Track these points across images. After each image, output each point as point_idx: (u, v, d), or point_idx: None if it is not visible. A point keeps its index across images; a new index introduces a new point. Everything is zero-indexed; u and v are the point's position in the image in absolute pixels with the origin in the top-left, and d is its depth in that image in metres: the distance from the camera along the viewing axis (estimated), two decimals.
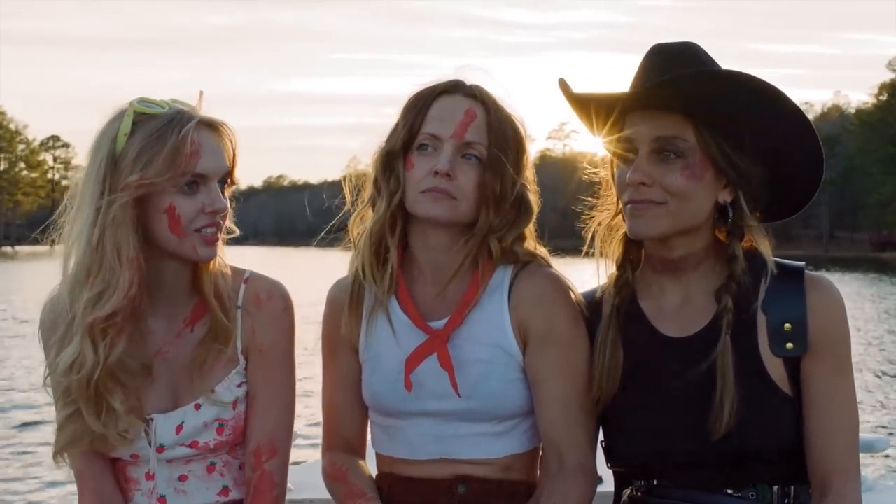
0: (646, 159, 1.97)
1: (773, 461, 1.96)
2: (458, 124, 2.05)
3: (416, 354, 2.08)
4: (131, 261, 1.94)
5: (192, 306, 2.09)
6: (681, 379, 1.97)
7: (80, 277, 1.96)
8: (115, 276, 1.94)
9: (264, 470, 2.09)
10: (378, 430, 2.19)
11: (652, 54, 2.01)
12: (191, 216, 1.97)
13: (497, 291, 2.11)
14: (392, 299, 2.13)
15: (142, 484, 2.10)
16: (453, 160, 2.04)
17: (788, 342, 1.95)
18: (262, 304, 2.12)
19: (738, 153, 1.96)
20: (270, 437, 2.10)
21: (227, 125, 2.03)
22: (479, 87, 2.10)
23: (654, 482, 2.01)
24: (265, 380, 2.10)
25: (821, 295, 1.98)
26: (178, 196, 1.96)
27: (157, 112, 1.97)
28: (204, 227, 1.98)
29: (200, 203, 1.97)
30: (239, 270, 2.15)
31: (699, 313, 2.01)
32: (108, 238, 1.93)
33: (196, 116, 1.98)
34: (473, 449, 2.08)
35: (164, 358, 2.07)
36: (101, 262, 1.94)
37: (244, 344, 2.10)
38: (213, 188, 1.99)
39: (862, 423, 2.09)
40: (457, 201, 2.04)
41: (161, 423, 2.05)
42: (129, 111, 1.97)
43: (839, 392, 1.96)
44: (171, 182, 1.94)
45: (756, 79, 1.92)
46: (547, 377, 2.07)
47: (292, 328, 2.15)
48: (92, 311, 1.94)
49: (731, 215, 2.00)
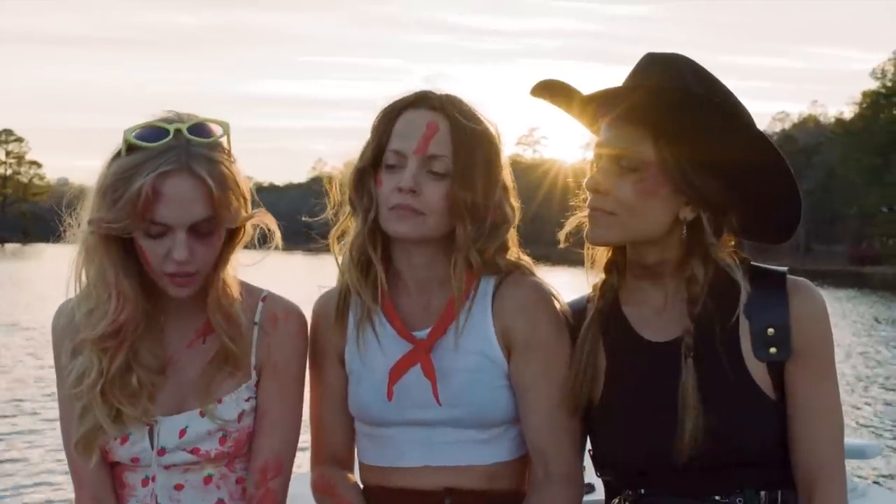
0: (605, 168, 2.01)
1: (760, 466, 2.00)
2: (421, 139, 2.09)
3: (401, 364, 2.13)
4: (112, 287, 2.01)
5: (204, 320, 2.13)
6: (661, 383, 2.00)
7: (81, 294, 2.06)
8: (101, 302, 2.01)
9: (268, 488, 2.14)
10: (365, 440, 2.23)
11: (639, 62, 2.05)
12: (157, 260, 2.00)
13: (481, 301, 2.15)
14: (377, 310, 2.18)
15: (137, 490, 2.14)
16: (417, 175, 2.08)
17: (772, 347, 1.99)
18: (280, 323, 2.17)
19: (699, 173, 1.97)
20: (277, 456, 2.15)
21: (210, 177, 1.97)
22: (446, 97, 2.14)
23: (641, 491, 2.04)
24: (277, 398, 2.15)
25: (803, 299, 2.02)
26: (143, 238, 1.99)
27: (144, 146, 1.96)
28: (171, 274, 2.01)
29: (165, 249, 1.99)
30: (256, 289, 2.20)
31: (679, 318, 2.04)
32: (90, 266, 2.02)
33: (175, 159, 1.95)
34: (459, 456, 2.13)
35: (174, 364, 2.13)
36: (88, 285, 2.04)
37: (259, 360, 2.15)
38: (178, 238, 1.97)
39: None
40: (425, 217, 2.08)
41: (165, 426, 2.10)
42: (122, 144, 1.99)
43: (823, 396, 2.00)
44: (132, 226, 1.96)
45: (719, 104, 1.96)
46: (531, 385, 2.12)
47: (306, 350, 2.22)
48: (88, 330, 2.03)
49: (686, 234, 2.02)
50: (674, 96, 1.96)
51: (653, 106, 1.97)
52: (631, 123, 1.99)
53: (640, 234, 2.03)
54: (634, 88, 2.00)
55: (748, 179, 2.00)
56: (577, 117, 2.12)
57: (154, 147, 1.96)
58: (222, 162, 2.01)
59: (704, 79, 2.00)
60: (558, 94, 2.08)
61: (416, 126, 2.10)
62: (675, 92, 1.96)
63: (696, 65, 2.02)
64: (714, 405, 1.95)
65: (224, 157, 2.03)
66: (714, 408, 1.95)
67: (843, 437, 2.06)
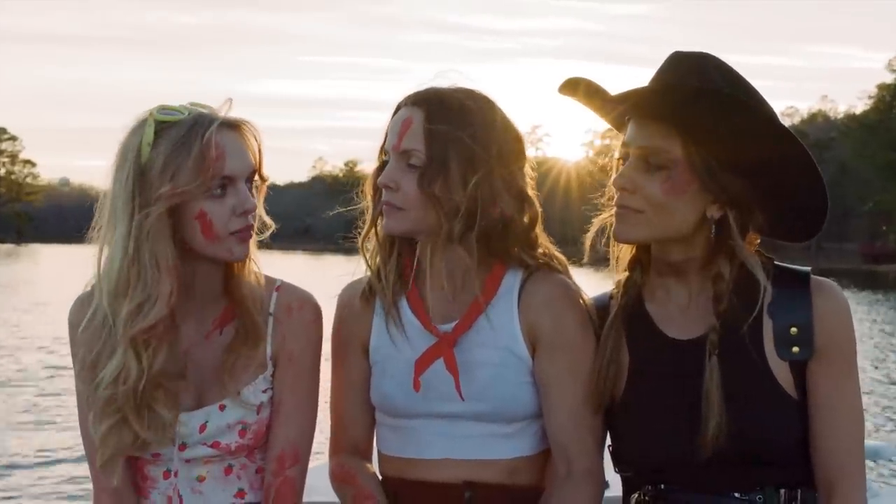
0: (632, 166, 2.05)
1: (780, 465, 2.03)
2: (396, 134, 2.15)
3: (426, 357, 2.18)
4: (170, 269, 2.03)
5: (222, 309, 2.18)
6: (685, 382, 2.04)
7: (119, 290, 2.04)
8: (155, 287, 2.02)
9: (286, 476, 2.19)
10: (386, 431, 2.28)
11: (666, 61, 2.08)
12: (223, 220, 2.06)
13: (507, 296, 2.20)
14: (403, 302, 2.23)
15: (159, 483, 2.19)
16: (394, 171, 2.15)
17: (795, 346, 2.03)
18: (294, 312, 2.21)
19: (727, 171, 2.01)
20: (294, 445, 2.20)
21: (249, 123, 2.11)
22: (428, 90, 2.18)
23: (661, 486, 2.08)
24: (292, 388, 2.20)
25: (826, 299, 2.06)
26: (207, 201, 2.04)
27: (178, 119, 2.04)
28: (237, 231, 2.07)
29: (230, 206, 2.06)
30: (270, 279, 2.25)
31: (703, 315, 2.08)
32: (146, 250, 2.01)
33: (217, 119, 2.05)
34: (481, 450, 2.18)
35: (192, 358, 2.16)
36: (139, 274, 2.02)
37: (274, 351, 2.19)
38: (241, 189, 2.07)
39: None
40: (405, 211, 2.14)
41: (185, 421, 2.14)
42: (149, 121, 2.03)
43: (845, 396, 2.04)
44: (200, 188, 2.02)
45: (746, 102, 1.99)
46: (556, 382, 2.16)
47: (320, 339, 2.25)
48: (133, 322, 2.02)
49: (714, 233, 2.06)
50: (700, 94, 1.99)
51: (681, 104, 2.00)
52: (659, 122, 2.02)
53: (667, 231, 2.06)
54: (662, 87, 2.04)
55: (775, 177, 2.04)
56: (604, 116, 2.16)
57: (187, 117, 2.04)
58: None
59: (731, 77, 2.04)
60: (587, 92, 2.11)
61: (397, 123, 2.17)
62: (701, 90, 2.00)
63: (722, 63, 2.06)
64: (736, 403, 1.99)
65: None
66: (736, 406, 1.99)
67: (863, 438, 2.09)
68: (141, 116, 2.07)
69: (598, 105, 2.14)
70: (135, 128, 2.06)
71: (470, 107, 2.15)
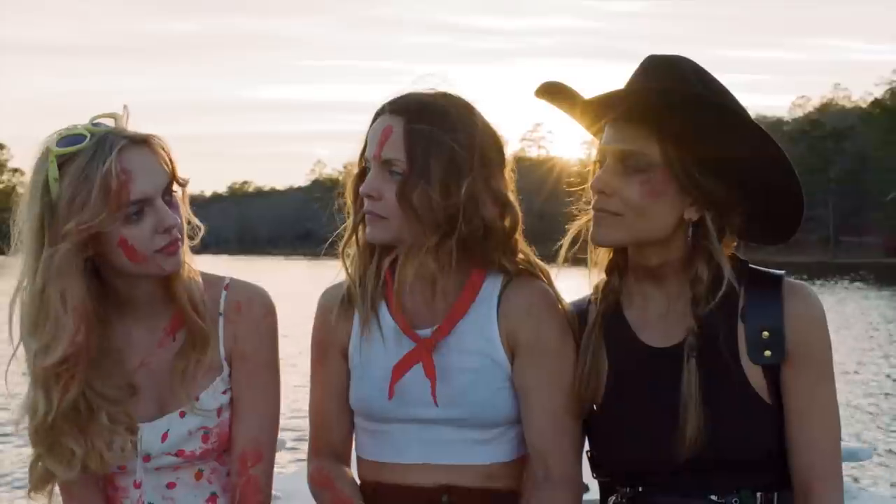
0: (610, 169, 2.09)
1: (757, 468, 2.08)
2: (377, 143, 2.18)
3: (403, 362, 2.23)
4: (76, 308, 2.03)
5: (171, 315, 2.20)
6: (663, 388, 2.09)
7: (28, 328, 2.06)
8: (60, 325, 2.02)
9: (250, 475, 2.22)
10: (364, 436, 2.33)
11: (641, 64, 2.12)
12: (145, 242, 2.06)
13: (486, 301, 2.25)
14: (382, 306, 2.28)
15: (130, 492, 2.22)
16: (375, 180, 2.18)
17: (766, 350, 2.07)
18: (243, 310, 2.25)
19: (705, 174, 2.05)
20: (255, 443, 2.23)
21: (155, 136, 2.09)
22: (408, 96, 2.21)
23: (639, 489, 2.13)
24: (248, 386, 2.23)
25: (798, 302, 2.10)
26: (125, 227, 2.04)
27: (78, 149, 2.01)
28: (163, 248, 2.07)
29: (151, 226, 2.06)
30: (218, 278, 2.28)
31: (681, 321, 2.12)
32: (53, 288, 2.02)
33: (118, 140, 2.03)
34: (458, 455, 2.22)
35: (148, 368, 2.19)
36: (47, 312, 2.03)
37: (227, 350, 2.23)
38: (158, 207, 2.06)
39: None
40: (387, 220, 2.18)
41: (147, 432, 2.17)
42: (50, 157, 2.02)
43: (819, 399, 2.08)
44: (111, 219, 2.01)
45: (721, 104, 2.04)
46: (535, 387, 2.21)
47: (274, 334, 2.28)
48: (43, 358, 2.03)
49: (691, 235, 2.10)
50: (679, 97, 2.03)
51: (658, 107, 2.03)
52: (636, 124, 2.06)
53: (646, 234, 2.10)
54: (639, 90, 2.08)
55: (752, 178, 2.08)
56: (579, 119, 2.20)
57: (87, 145, 2.02)
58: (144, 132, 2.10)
59: (706, 79, 2.08)
60: (560, 96, 2.16)
61: (377, 131, 2.20)
62: (679, 92, 2.04)
63: (697, 65, 2.10)
64: (712, 407, 2.03)
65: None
66: (712, 410, 2.03)
67: (840, 442, 2.13)
68: (44, 143, 2.06)
69: (574, 108, 2.17)
70: (39, 161, 2.05)
71: (450, 113, 2.18)
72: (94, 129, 2.06)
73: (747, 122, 2.06)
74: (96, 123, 2.09)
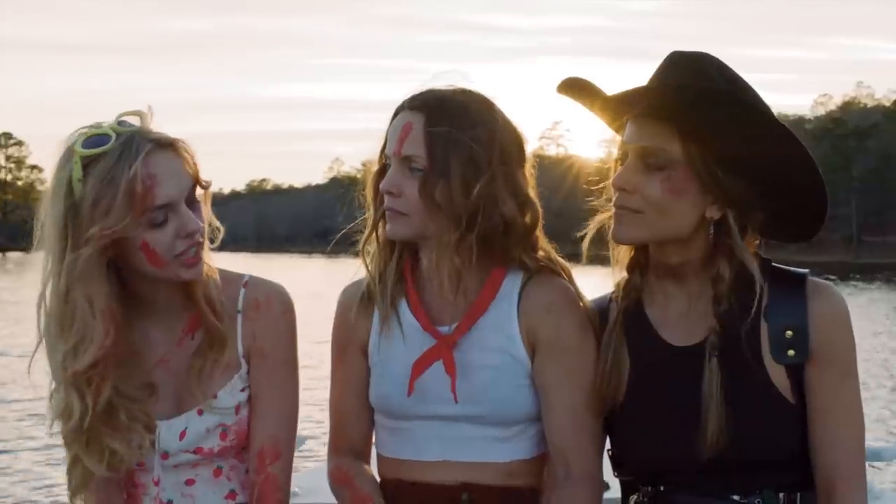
0: (632, 166, 2.09)
1: (779, 467, 2.08)
2: (397, 140, 2.19)
3: (424, 359, 2.24)
4: (103, 311, 2.03)
5: (190, 314, 2.21)
6: (684, 387, 2.09)
7: (53, 330, 2.06)
8: (88, 328, 2.02)
9: (268, 473, 2.23)
10: (384, 433, 2.34)
11: (664, 61, 2.12)
12: (167, 246, 2.06)
13: (507, 298, 2.26)
14: (403, 303, 2.29)
15: (150, 489, 2.24)
16: (396, 177, 2.19)
17: (790, 349, 2.07)
18: (262, 307, 2.26)
19: (727, 172, 2.05)
20: (273, 440, 2.24)
21: (180, 140, 2.09)
22: (427, 93, 2.22)
23: (660, 488, 2.14)
24: (267, 383, 2.24)
25: (822, 302, 2.09)
26: (148, 231, 2.04)
27: (104, 150, 2.00)
28: (183, 253, 2.07)
29: (173, 231, 2.05)
30: (237, 275, 2.29)
31: (702, 319, 2.12)
32: (78, 292, 2.01)
33: (144, 143, 2.02)
34: (478, 452, 2.23)
35: (166, 366, 2.20)
36: (73, 315, 2.03)
37: (245, 348, 2.24)
38: (182, 212, 2.06)
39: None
40: (408, 217, 2.20)
41: (165, 430, 2.19)
42: (75, 157, 2.01)
43: (843, 399, 2.08)
44: (134, 224, 2.01)
45: (745, 101, 2.04)
46: (555, 385, 2.22)
47: (293, 331, 2.29)
48: (72, 363, 2.03)
49: (713, 234, 2.10)
50: (701, 94, 2.03)
51: (680, 104, 2.03)
52: (657, 121, 2.06)
53: (667, 232, 2.10)
54: (662, 86, 2.07)
55: (775, 177, 2.07)
56: (601, 115, 2.20)
57: (113, 146, 2.01)
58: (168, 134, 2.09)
59: (729, 76, 2.08)
60: (582, 92, 2.15)
61: (397, 128, 2.21)
62: (702, 89, 2.03)
63: (720, 62, 2.10)
64: (734, 406, 2.04)
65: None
66: (734, 409, 2.03)
67: (864, 441, 2.13)
68: (68, 142, 2.05)
69: (596, 105, 2.18)
70: (63, 159, 2.05)
71: (470, 109, 2.19)
72: (119, 128, 2.05)
73: (771, 120, 2.05)
74: (121, 122, 2.08)
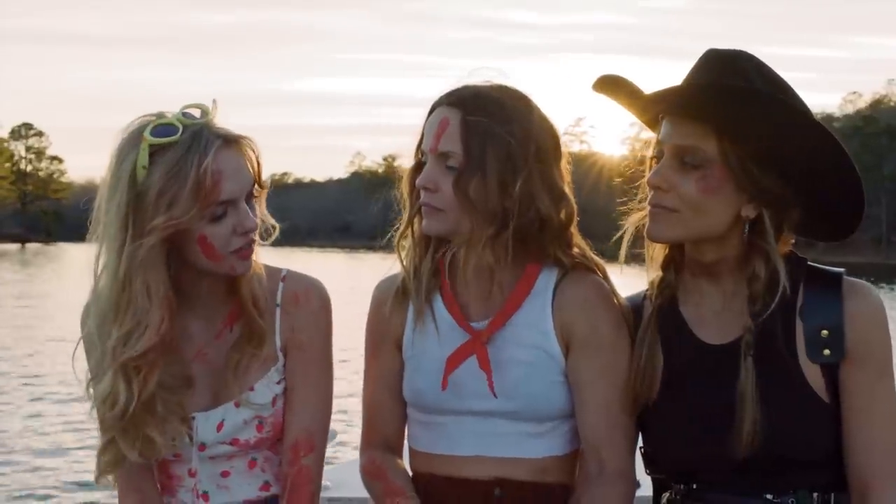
0: (667, 164, 2.10)
1: (813, 467, 2.09)
2: (433, 136, 2.21)
3: (457, 354, 2.26)
4: (161, 299, 2.07)
5: (230, 307, 2.25)
6: (718, 385, 2.10)
7: (108, 314, 2.08)
8: (145, 315, 2.06)
9: (301, 465, 2.27)
10: (418, 427, 2.36)
11: (700, 59, 2.12)
12: (224, 241, 2.10)
13: (541, 294, 2.27)
14: (437, 298, 2.32)
15: (185, 480, 2.28)
16: (432, 173, 2.21)
17: (826, 349, 2.07)
18: (301, 302, 2.30)
19: (762, 170, 2.05)
20: (308, 433, 2.28)
21: (246, 137, 2.13)
22: (464, 89, 2.24)
23: (693, 486, 2.15)
24: (303, 376, 2.28)
25: (858, 301, 2.09)
26: (207, 226, 2.08)
27: (173, 140, 2.03)
28: (238, 249, 2.12)
29: (231, 226, 2.10)
30: (276, 269, 2.33)
31: (737, 318, 2.12)
32: (138, 278, 2.05)
33: (213, 138, 2.06)
34: (512, 448, 2.25)
35: (205, 358, 2.24)
36: (129, 301, 2.06)
37: (283, 341, 2.28)
38: (241, 209, 2.11)
39: None
40: (444, 213, 2.21)
41: (202, 422, 2.23)
42: (143, 145, 2.03)
43: (879, 399, 2.08)
44: (197, 217, 2.05)
45: (782, 100, 2.04)
46: (589, 382, 2.23)
47: (329, 326, 2.33)
48: (123, 349, 2.06)
49: (748, 232, 2.10)
50: (737, 92, 2.03)
51: (717, 103, 2.04)
52: (693, 120, 2.06)
53: (702, 231, 2.11)
54: (695, 85, 2.08)
55: (811, 175, 2.07)
56: (635, 113, 2.21)
57: (182, 138, 2.04)
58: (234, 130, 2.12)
59: (766, 74, 2.08)
60: (620, 90, 2.17)
61: (433, 124, 2.23)
62: (738, 88, 2.04)
63: (757, 60, 2.10)
64: (769, 405, 2.04)
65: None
66: (769, 408, 2.04)
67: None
68: (132, 128, 2.08)
69: (631, 103, 2.19)
70: (128, 144, 2.07)
71: (507, 105, 2.20)
72: (185, 120, 2.08)
73: (807, 118, 2.05)
74: (186, 114, 2.10)
